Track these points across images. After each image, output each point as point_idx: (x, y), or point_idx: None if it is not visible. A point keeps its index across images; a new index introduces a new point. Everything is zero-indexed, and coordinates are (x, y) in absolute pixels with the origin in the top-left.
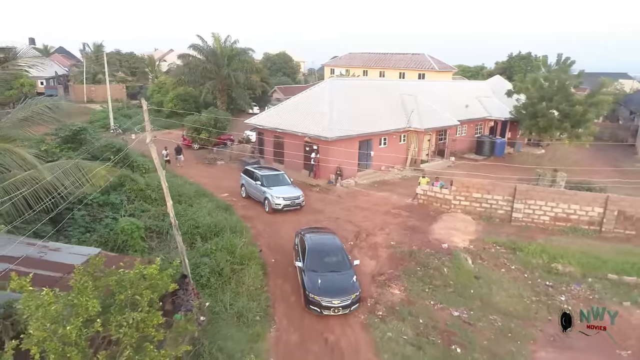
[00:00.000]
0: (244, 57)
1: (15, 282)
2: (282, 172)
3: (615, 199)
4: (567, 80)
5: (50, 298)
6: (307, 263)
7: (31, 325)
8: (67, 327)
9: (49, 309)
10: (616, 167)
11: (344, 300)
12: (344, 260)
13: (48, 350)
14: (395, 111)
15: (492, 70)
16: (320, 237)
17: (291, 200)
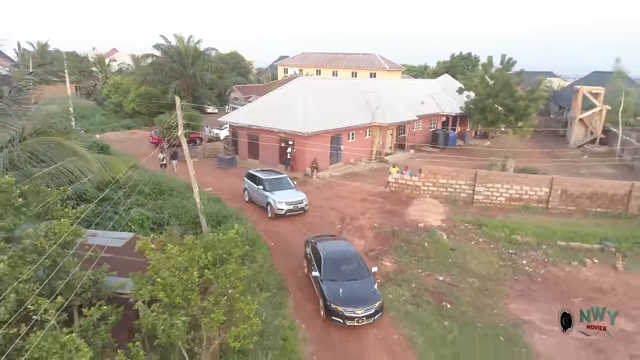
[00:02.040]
0: (208, 57)
1: (141, 243)
2: (284, 176)
3: (558, 180)
4: (510, 78)
5: (177, 252)
6: (325, 272)
7: (161, 274)
8: (192, 272)
9: (178, 260)
10: (552, 154)
11: (367, 310)
12: (361, 267)
13: (174, 295)
14: (360, 108)
15: (436, 70)
16: (333, 244)
17: (294, 204)
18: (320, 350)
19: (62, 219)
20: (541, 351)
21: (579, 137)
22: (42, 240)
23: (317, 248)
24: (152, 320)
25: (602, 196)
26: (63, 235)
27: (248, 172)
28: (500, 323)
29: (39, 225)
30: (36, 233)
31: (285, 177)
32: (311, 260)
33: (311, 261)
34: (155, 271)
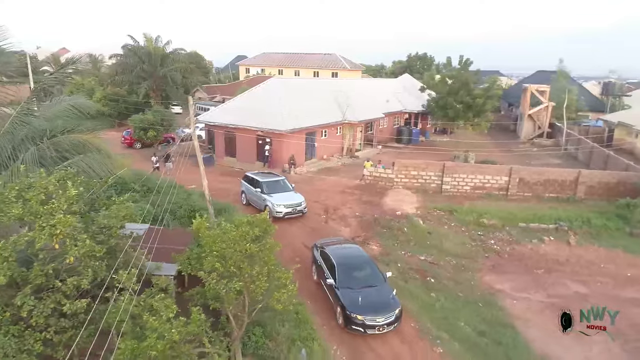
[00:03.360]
0: (177, 57)
1: (197, 222)
2: (282, 178)
3: (516, 169)
4: (468, 77)
5: (231, 228)
6: (340, 280)
7: (217, 247)
8: (244, 245)
9: (232, 234)
10: (506, 147)
11: (388, 317)
12: (376, 273)
13: (228, 264)
14: (331, 106)
15: (393, 69)
16: (344, 249)
17: (293, 207)
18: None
19: (114, 205)
20: (513, 312)
21: (529, 131)
22: (114, 221)
23: (327, 254)
24: (214, 285)
25: (554, 183)
26: (120, 219)
27: (245, 175)
28: (477, 292)
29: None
30: (107, 215)
31: (284, 179)
32: (321, 267)
33: (321, 267)
34: (209, 246)
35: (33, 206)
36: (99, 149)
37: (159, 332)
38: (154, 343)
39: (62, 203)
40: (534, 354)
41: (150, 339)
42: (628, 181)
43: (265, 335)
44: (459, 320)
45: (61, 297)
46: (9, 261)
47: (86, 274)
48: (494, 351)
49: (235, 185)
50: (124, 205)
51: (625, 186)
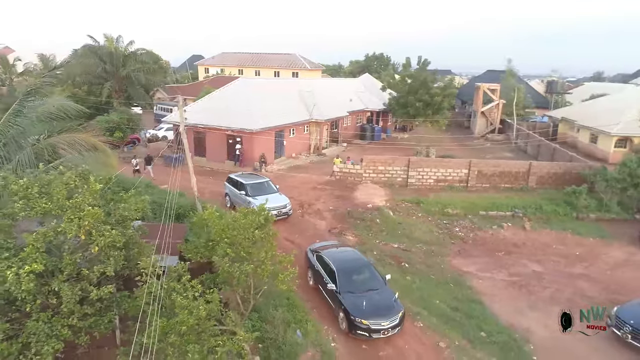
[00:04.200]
0: (140, 58)
1: (208, 212)
2: (267, 179)
3: (475, 162)
4: (427, 76)
5: (240, 216)
6: (341, 285)
7: (228, 234)
8: (253, 231)
9: (242, 222)
10: (462, 142)
11: (392, 321)
12: (376, 276)
13: (239, 250)
14: (298, 105)
15: (351, 69)
16: (341, 253)
17: (278, 209)
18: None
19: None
20: (481, 290)
21: (482, 127)
22: (132, 212)
23: (324, 259)
24: (228, 269)
25: (508, 174)
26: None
27: (229, 177)
28: (448, 274)
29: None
30: (127, 207)
31: (268, 180)
32: (318, 272)
33: (318, 272)
34: (219, 234)
35: (60, 200)
36: (95, 147)
37: (188, 309)
38: (186, 318)
39: (87, 197)
40: (501, 324)
41: (181, 315)
42: (573, 171)
43: (261, 319)
44: (434, 299)
45: (86, 284)
46: (40, 252)
47: (109, 263)
48: (467, 323)
49: (208, 184)
50: (140, 198)
51: (571, 175)
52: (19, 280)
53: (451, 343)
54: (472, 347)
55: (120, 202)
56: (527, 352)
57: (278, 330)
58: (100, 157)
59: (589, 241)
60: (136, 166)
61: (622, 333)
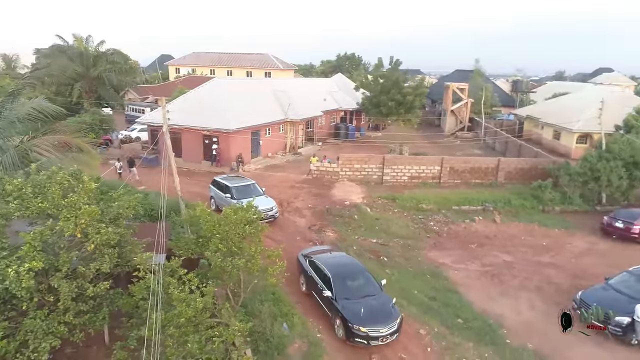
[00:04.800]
0: (111, 58)
1: (200, 209)
2: (253, 182)
3: (447, 159)
4: (399, 76)
5: (231, 213)
6: (338, 292)
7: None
8: (244, 227)
9: (233, 218)
10: (433, 140)
11: (391, 327)
12: (371, 281)
13: (230, 245)
14: (273, 105)
15: (323, 69)
16: (335, 259)
17: (264, 212)
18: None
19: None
20: (456, 280)
21: (452, 125)
22: (126, 210)
23: (317, 264)
24: (220, 263)
25: (478, 170)
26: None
27: (214, 180)
28: (424, 266)
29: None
30: (121, 205)
31: (254, 183)
32: (312, 278)
33: (311, 278)
34: (210, 230)
35: (55, 200)
36: (80, 148)
37: (185, 301)
38: (185, 310)
39: (82, 196)
40: (476, 311)
41: (179, 307)
42: (539, 166)
43: (248, 314)
44: (413, 290)
45: (82, 282)
46: (37, 250)
47: (104, 260)
48: (444, 311)
49: (185, 184)
50: (133, 196)
51: (537, 170)
52: (19, 278)
53: (431, 330)
54: (451, 333)
55: (112, 201)
56: (501, 335)
57: (265, 324)
58: (83, 158)
59: (554, 232)
60: (120, 169)
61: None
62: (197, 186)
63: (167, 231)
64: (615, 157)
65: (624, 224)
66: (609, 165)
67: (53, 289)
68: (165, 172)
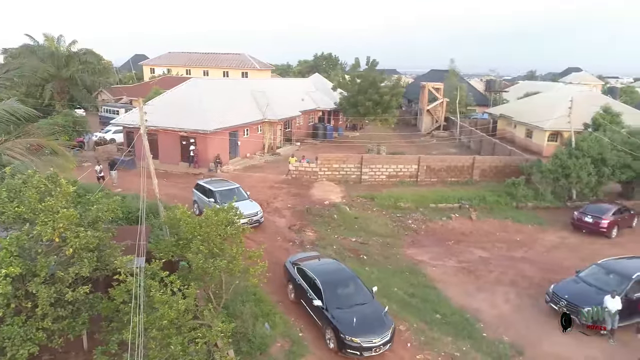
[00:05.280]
0: (84, 58)
1: (181, 211)
2: (237, 186)
3: (423, 158)
4: (376, 76)
5: (212, 214)
6: (328, 301)
7: (202, 231)
8: (225, 228)
9: (214, 219)
10: (410, 139)
11: (384, 337)
12: (362, 289)
13: (211, 246)
14: (251, 105)
15: (300, 69)
16: (324, 265)
17: (249, 217)
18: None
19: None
20: (434, 277)
21: (428, 125)
22: (105, 213)
23: (305, 272)
24: (202, 264)
25: (454, 168)
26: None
27: (197, 183)
28: (403, 264)
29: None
30: (100, 208)
31: (238, 187)
32: (300, 286)
33: (300, 287)
34: (191, 231)
35: (32, 204)
36: (54, 151)
37: (168, 303)
38: (167, 312)
39: (60, 200)
40: (454, 306)
41: (162, 310)
42: (512, 164)
43: (230, 315)
44: (392, 287)
45: (60, 286)
46: (14, 256)
47: (84, 264)
48: (423, 307)
49: (163, 186)
50: (112, 199)
51: (510, 168)
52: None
53: (410, 326)
54: (429, 329)
55: (90, 204)
56: (478, 329)
57: (247, 324)
58: (58, 161)
59: (527, 228)
60: (100, 172)
61: (558, 307)
62: (175, 188)
63: (147, 234)
64: (584, 155)
65: (592, 218)
66: (578, 162)
67: (31, 295)
68: (143, 174)
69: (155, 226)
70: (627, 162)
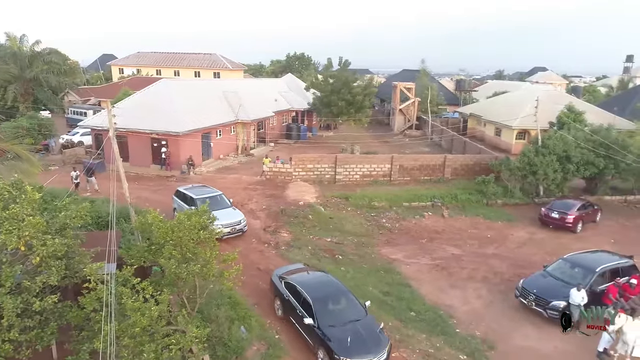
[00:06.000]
0: (48, 58)
1: (152, 215)
2: (219, 193)
3: (396, 157)
4: (348, 76)
5: (185, 218)
6: (320, 319)
7: (174, 236)
8: (198, 232)
9: (187, 224)
10: (383, 139)
11: (380, 357)
12: (355, 303)
13: (184, 251)
14: (224, 107)
15: (273, 69)
16: (314, 280)
17: (232, 226)
18: None
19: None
20: (408, 275)
21: (400, 124)
22: (74, 220)
23: (294, 286)
24: (175, 270)
25: (427, 167)
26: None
27: (177, 190)
28: (378, 263)
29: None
30: (68, 215)
31: (221, 194)
32: (289, 302)
33: (289, 303)
34: (163, 236)
35: None
36: (18, 155)
37: (140, 311)
38: (139, 320)
39: (25, 207)
40: (428, 303)
41: (134, 317)
42: (482, 162)
43: (205, 319)
44: (368, 286)
45: (27, 296)
46: None
47: (51, 272)
48: (398, 305)
49: (134, 189)
50: (81, 205)
51: (481, 166)
52: None
53: (385, 324)
54: (404, 326)
55: (57, 211)
56: (451, 325)
57: (223, 328)
58: (22, 166)
59: (497, 224)
60: (76, 179)
61: (527, 301)
62: (147, 191)
63: (118, 239)
64: (550, 152)
65: (559, 214)
66: (545, 159)
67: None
68: (113, 178)
69: (126, 231)
70: (590, 159)
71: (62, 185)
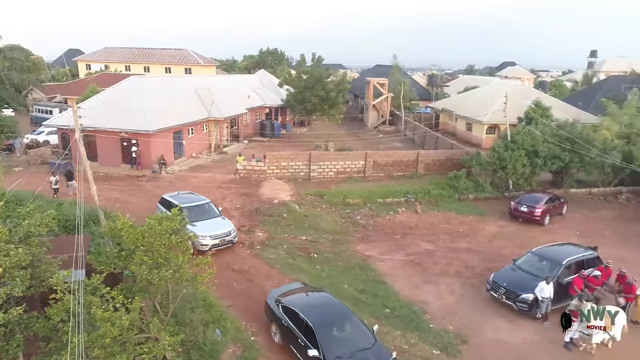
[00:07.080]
0: (10, 54)
1: (121, 221)
2: (207, 201)
3: (370, 154)
4: (321, 73)
5: (155, 223)
6: (326, 350)
7: (145, 242)
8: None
9: (158, 229)
10: (357, 135)
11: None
12: (363, 330)
13: (155, 257)
14: (196, 104)
15: (246, 64)
16: (314, 301)
17: (221, 237)
18: None
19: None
20: (383, 271)
21: (374, 120)
22: (38, 228)
23: (293, 311)
24: (146, 276)
25: (400, 163)
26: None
27: (162, 198)
28: (353, 260)
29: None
30: (32, 223)
31: (209, 202)
32: (288, 329)
33: (288, 329)
34: (133, 242)
35: None
36: None
37: (110, 321)
38: (109, 330)
39: None
40: (402, 300)
41: (103, 327)
42: (454, 157)
43: (179, 323)
44: (343, 284)
45: None
46: None
47: (15, 283)
48: (373, 302)
49: (103, 190)
50: (46, 213)
51: (452, 161)
52: None
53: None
54: (379, 323)
55: (20, 218)
56: (425, 320)
57: (197, 332)
58: None
59: (469, 219)
60: (56, 184)
61: (498, 295)
62: (117, 191)
63: (86, 244)
64: (519, 147)
65: (527, 207)
66: (514, 154)
67: None
68: (80, 179)
69: (96, 234)
70: (557, 153)
71: (28, 187)
